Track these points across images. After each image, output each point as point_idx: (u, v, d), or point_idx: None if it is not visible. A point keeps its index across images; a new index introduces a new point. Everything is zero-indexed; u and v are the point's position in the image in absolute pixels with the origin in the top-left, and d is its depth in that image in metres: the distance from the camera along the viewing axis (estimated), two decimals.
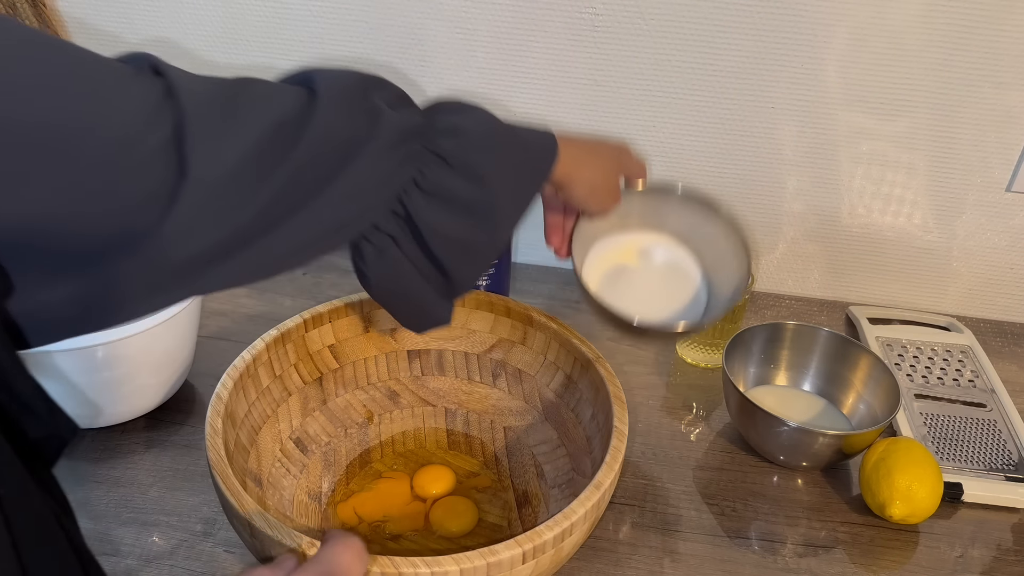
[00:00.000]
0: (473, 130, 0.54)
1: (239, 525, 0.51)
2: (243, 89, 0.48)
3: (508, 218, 0.57)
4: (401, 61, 0.89)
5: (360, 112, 0.50)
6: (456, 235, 0.55)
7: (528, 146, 0.58)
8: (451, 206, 0.53)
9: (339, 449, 0.69)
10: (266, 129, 0.45)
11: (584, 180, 0.62)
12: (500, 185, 0.55)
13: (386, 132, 0.50)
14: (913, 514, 0.65)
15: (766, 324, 0.78)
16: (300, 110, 0.47)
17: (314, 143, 0.46)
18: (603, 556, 0.64)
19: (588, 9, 0.82)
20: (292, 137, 0.45)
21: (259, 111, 0.46)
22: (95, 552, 0.62)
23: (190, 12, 0.89)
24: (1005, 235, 0.90)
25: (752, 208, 0.92)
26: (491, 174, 0.54)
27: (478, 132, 0.54)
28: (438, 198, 0.53)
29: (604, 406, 0.62)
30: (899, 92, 0.83)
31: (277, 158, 0.44)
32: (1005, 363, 0.87)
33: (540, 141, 0.59)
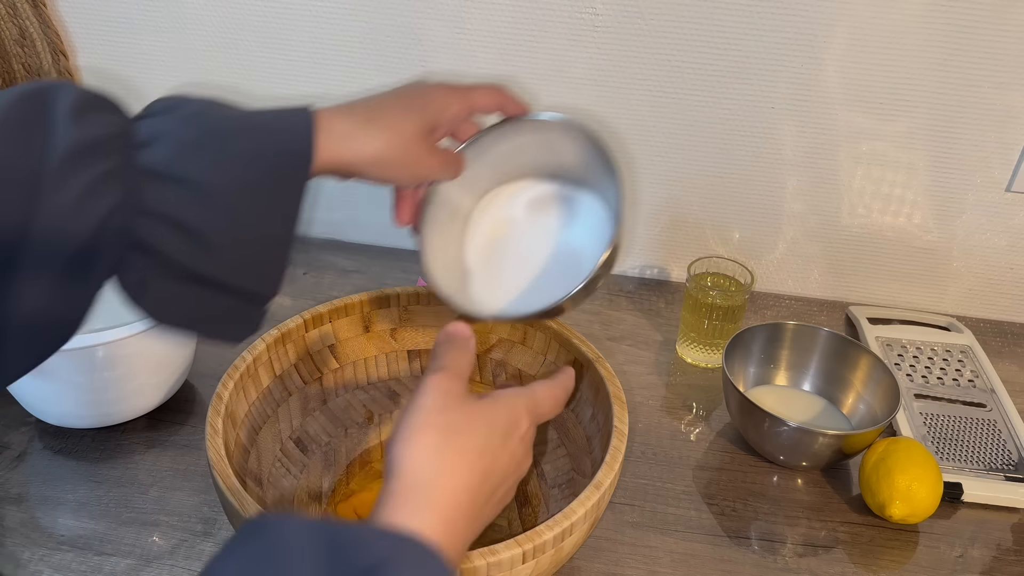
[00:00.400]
0: (181, 133, 0.44)
1: (239, 525, 0.51)
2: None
3: (267, 224, 0.47)
4: (401, 61, 0.89)
5: (20, 136, 0.41)
6: (212, 257, 0.45)
7: (269, 130, 0.47)
8: (187, 224, 0.44)
9: (339, 449, 0.69)
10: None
11: (368, 156, 0.50)
12: (237, 188, 0.45)
13: (60, 153, 0.40)
14: (913, 514, 0.65)
15: (766, 324, 0.78)
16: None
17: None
18: (603, 556, 0.64)
19: (588, 9, 0.82)
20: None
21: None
22: (96, 552, 0.62)
23: (190, 12, 0.89)
24: (1005, 235, 0.90)
25: (752, 208, 0.92)
26: (218, 178, 0.44)
27: (189, 133, 0.45)
28: (169, 219, 0.44)
29: (604, 406, 0.62)
30: (899, 92, 0.83)
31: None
32: (1005, 363, 0.87)
33: (287, 124, 0.47)
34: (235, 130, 0.46)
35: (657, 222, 0.95)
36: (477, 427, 0.44)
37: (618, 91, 0.87)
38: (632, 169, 0.91)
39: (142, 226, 0.43)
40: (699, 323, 0.83)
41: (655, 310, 0.93)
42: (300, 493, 0.65)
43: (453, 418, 0.44)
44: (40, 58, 0.92)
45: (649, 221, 0.95)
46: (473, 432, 0.44)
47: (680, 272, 0.98)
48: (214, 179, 0.44)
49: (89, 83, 0.96)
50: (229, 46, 0.91)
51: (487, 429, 0.44)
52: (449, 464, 0.42)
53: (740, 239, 0.94)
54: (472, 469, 0.43)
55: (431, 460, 0.42)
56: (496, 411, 0.45)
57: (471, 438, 0.43)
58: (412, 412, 0.44)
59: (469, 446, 0.43)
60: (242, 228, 0.45)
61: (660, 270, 0.99)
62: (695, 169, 0.90)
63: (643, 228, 0.96)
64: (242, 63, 0.92)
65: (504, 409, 0.46)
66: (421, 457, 0.42)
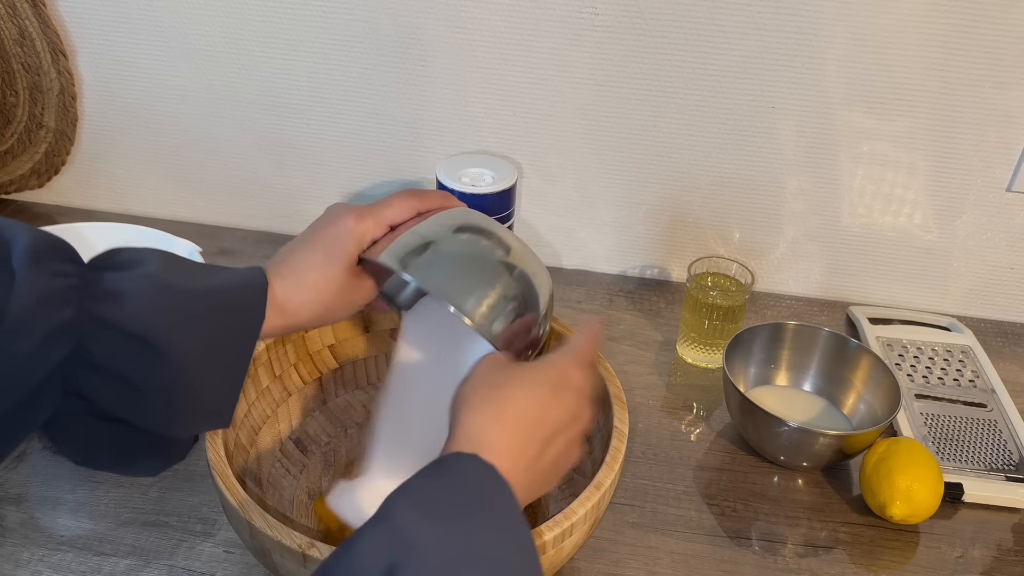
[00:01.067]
0: (139, 290, 0.45)
1: (239, 525, 0.51)
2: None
3: (213, 388, 0.49)
4: (401, 61, 0.89)
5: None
6: (152, 409, 0.46)
7: (225, 300, 0.49)
8: (132, 380, 0.45)
9: (339, 449, 0.69)
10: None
11: (304, 322, 0.54)
12: (188, 350, 0.46)
13: (20, 302, 0.41)
14: (914, 514, 0.65)
15: (766, 324, 0.78)
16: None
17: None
18: (603, 556, 0.64)
19: (588, 9, 0.82)
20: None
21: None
22: (96, 552, 0.62)
23: (190, 12, 0.89)
24: (1005, 235, 0.89)
25: (752, 208, 0.92)
26: (172, 339, 0.45)
27: (147, 292, 0.45)
28: (115, 374, 0.45)
29: (604, 406, 0.62)
30: (899, 92, 0.83)
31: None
32: (1005, 363, 0.87)
33: (241, 289, 0.50)
34: (191, 294, 0.47)
35: (657, 222, 0.95)
36: (522, 383, 0.47)
37: (618, 91, 0.87)
38: (632, 169, 0.91)
39: (85, 378, 0.44)
40: (699, 323, 0.82)
41: (655, 310, 0.93)
42: (300, 493, 0.65)
43: (499, 379, 0.48)
44: (40, 58, 0.92)
45: (649, 221, 0.95)
46: (519, 387, 0.47)
47: (680, 272, 0.98)
48: (168, 340, 0.45)
49: (89, 83, 0.96)
50: (229, 46, 0.91)
51: (533, 383, 0.48)
52: (499, 414, 0.46)
53: (740, 239, 0.94)
54: (522, 417, 0.46)
55: (482, 414, 0.46)
56: (541, 368, 0.49)
57: (517, 391, 0.47)
58: (463, 385, 0.48)
59: (517, 397, 0.47)
60: (188, 386, 0.47)
61: (660, 270, 0.99)
62: (695, 169, 0.90)
63: (643, 228, 0.96)
64: (242, 63, 0.92)
65: (548, 366, 0.49)
66: (473, 415, 0.46)
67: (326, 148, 0.96)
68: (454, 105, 0.91)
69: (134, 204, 1.04)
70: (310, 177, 0.99)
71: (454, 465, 0.43)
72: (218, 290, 0.49)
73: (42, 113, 0.96)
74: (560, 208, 0.96)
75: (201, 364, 0.47)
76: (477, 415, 0.46)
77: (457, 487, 0.42)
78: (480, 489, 0.42)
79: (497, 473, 0.43)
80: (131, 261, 0.47)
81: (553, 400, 0.48)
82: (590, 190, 0.94)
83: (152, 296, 0.46)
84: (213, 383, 0.49)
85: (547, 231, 0.98)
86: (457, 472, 0.43)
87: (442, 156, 0.93)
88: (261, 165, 0.99)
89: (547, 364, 0.49)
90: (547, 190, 0.95)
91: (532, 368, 0.49)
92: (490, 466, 0.43)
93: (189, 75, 0.94)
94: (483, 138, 0.92)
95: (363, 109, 0.93)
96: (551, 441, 0.47)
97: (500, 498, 0.43)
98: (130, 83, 0.95)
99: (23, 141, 0.98)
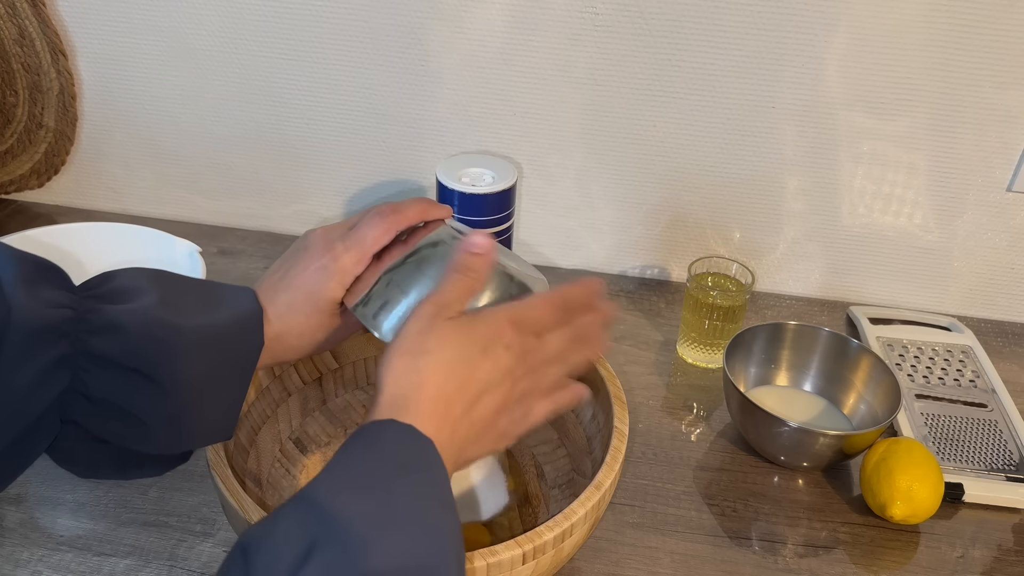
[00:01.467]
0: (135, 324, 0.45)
1: (239, 525, 0.51)
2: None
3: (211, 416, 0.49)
4: (401, 61, 0.89)
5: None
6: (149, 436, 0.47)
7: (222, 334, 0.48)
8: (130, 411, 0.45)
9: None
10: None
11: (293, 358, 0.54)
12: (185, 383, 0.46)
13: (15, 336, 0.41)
14: (914, 514, 0.65)
15: (766, 324, 0.78)
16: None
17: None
18: (603, 556, 0.64)
19: (588, 9, 0.82)
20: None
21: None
22: (96, 552, 0.62)
23: (190, 12, 0.89)
24: (1006, 235, 0.89)
25: (753, 208, 0.92)
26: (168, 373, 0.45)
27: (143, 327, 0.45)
28: (112, 405, 0.45)
29: (604, 406, 0.62)
30: (899, 92, 0.83)
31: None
32: (1006, 363, 0.87)
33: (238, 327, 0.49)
34: (190, 329, 0.46)
35: (657, 222, 0.95)
36: (449, 342, 0.46)
37: (618, 91, 0.87)
38: (632, 169, 0.91)
39: (82, 409, 0.44)
40: (699, 323, 0.82)
41: (655, 310, 0.93)
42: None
43: (426, 339, 0.46)
44: (39, 58, 0.92)
45: (649, 221, 0.95)
46: (444, 348, 0.45)
47: (680, 272, 0.98)
48: (168, 373, 0.45)
49: (89, 83, 0.96)
50: (229, 46, 0.91)
51: (461, 342, 0.46)
52: (421, 378, 0.44)
53: (741, 239, 0.94)
54: (447, 378, 0.44)
55: (407, 376, 0.44)
56: (472, 325, 0.47)
57: (443, 353, 0.45)
58: (389, 349, 0.46)
59: (442, 359, 0.45)
60: (189, 414, 0.47)
61: (660, 270, 0.99)
62: (695, 169, 0.90)
63: (643, 228, 0.96)
64: (242, 63, 0.92)
65: (480, 323, 0.47)
66: (398, 376, 0.44)
67: (326, 148, 0.96)
68: (454, 105, 0.91)
69: (134, 204, 1.04)
70: (310, 177, 0.99)
71: (371, 434, 0.42)
72: (217, 324, 0.48)
73: (42, 113, 0.96)
74: (560, 208, 0.96)
75: (202, 394, 0.47)
76: (400, 379, 0.44)
77: (374, 455, 0.41)
78: (399, 453, 0.41)
79: (417, 432, 0.42)
80: (127, 291, 0.46)
81: (482, 358, 0.46)
82: (590, 190, 0.94)
83: (150, 332, 0.45)
84: (214, 410, 0.49)
85: (547, 231, 0.98)
86: (373, 440, 0.42)
87: (442, 156, 0.93)
88: (261, 165, 0.99)
89: (478, 320, 0.47)
90: (547, 190, 0.95)
91: (462, 325, 0.46)
92: (408, 427, 0.42)
93: (189, 75, 0.94)
94: (483, 138, 0.92)
95: (363, 109, 0.93)
96: (479, 399, 0.46)
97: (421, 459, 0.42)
98: (130, 83, 0.95)
99: (23, 141, 0.98)
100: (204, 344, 0.47)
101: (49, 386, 0.43)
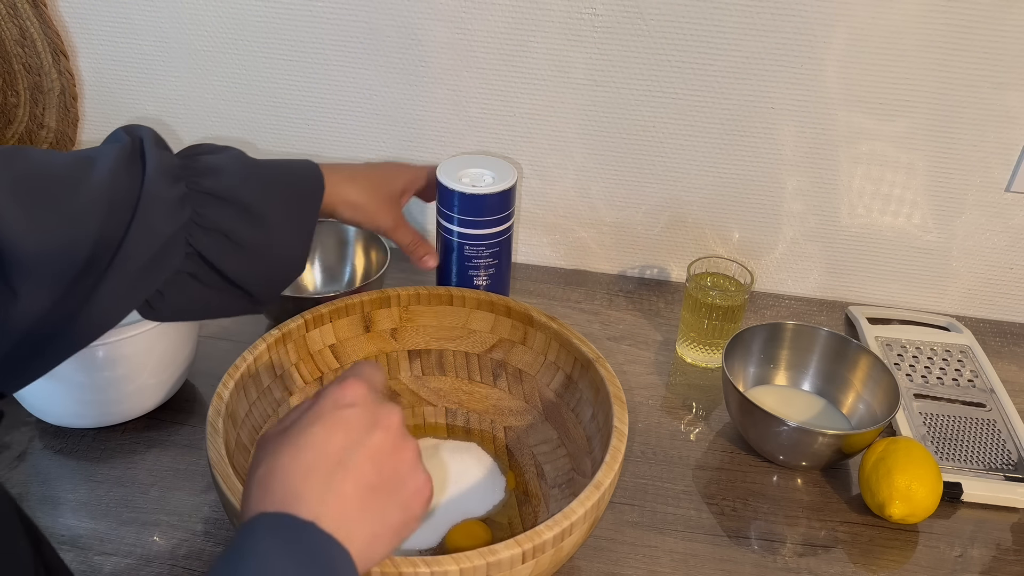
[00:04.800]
0: (231, 167, 0.59)
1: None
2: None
3: (291, 241, 0.62)
4: (401, 61, 0.89)
5: (134, 166, 0.53)
6: (247, 265, 0.59)
7: (291, 171, 0.64)
8: (232, 238, 0.58)
9: None
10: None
11: (346, 200, 0.69)
12: (272, 212, 0.60)
13: (156, 179, 0.53)
14: (912, 514, 0.65)
15: (766, 324, 0.78)
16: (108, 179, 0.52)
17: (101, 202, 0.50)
18: (603, 556, 0.64)
19: (588, 9, 0.83)
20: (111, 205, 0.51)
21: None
22: (96, 552, 0.62)
23: (190, 12, 0.89)
24: (1005, 235, 0.90)
25: (752, 208, 0.92)
26: (260, 203, 0.59)
27: (236, 168, 0.59)
28: (219, 233, 0.57)
29: (604, 406, 0.62)
30: (899, 92, 0.83)
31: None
32: (1004, 363, 0.87)
33: (302, 168, 0.65)
34: (269, 167, 0.62)
35: (657, 222, 0.95)
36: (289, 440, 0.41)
37: (618, 91, 0.87)
38: (632, 169, 0.92)
39: (198, 237, 0.56)
40: (699, 323, 0.83)
41: (655, 310, 0.93)
42: None
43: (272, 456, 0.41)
44: (40, 58, 0.92)
45: (649, 221, 0.95)
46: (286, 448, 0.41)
47: (680, 272, 0.98)
48: (257, 201, 0.59)
49: (90, 84, 0.96)
50: (229, 46, 0.91)
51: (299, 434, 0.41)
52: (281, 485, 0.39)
53: (740, 239, 0.94)
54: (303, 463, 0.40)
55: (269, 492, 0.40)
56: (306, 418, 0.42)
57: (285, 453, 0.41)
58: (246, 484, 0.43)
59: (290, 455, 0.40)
60: (273, 237, 0.60)
61: (660, 270, 0.99)
62: (695, 169, 0.90)
63: (643, 228, 0.96)
64: (242, 63, 0.92)
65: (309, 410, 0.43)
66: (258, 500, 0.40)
67: (326, 148, 0.96)
68: (454, 105, 0.91)
69: None
70: None
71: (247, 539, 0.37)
72: (289, 166, 0.64)
73: (43, 113, 0.96)
74: (560, 208, 0.96)
75: (282, 221, 0.61)
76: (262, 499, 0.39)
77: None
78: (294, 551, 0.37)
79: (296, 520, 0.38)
80: (217, 148, 0.61)
81: (332, 429, 0.41)
82: (590, 190, 0.94)
83: (243, 171, 0.59)
84: (291, 236, 0.62)
85: (547, 231, 0.98)
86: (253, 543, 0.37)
87: (442, 156, 0.94)
88: None
89: (309, 410, 0.43)
90: (547, 190, 0.95)
91: (297, 424, 0.42)
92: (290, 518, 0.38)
93: (189, 75, 0.94)
94: (483, 138, 0.93)
95: (363, 109, 0.93)
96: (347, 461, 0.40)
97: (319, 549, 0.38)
98: (130, 83, 0.95)
99: (24, 141, 0.98)
100: (282, 179, 0.62)
101: (175, 217, 0.54)
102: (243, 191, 0.58)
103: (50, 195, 0.48)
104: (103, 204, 0.50)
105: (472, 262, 0.79)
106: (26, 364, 0.50)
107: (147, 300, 0.56)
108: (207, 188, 0.56)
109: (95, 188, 0.50)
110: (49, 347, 0.51)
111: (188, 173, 0.56)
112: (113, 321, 0.53)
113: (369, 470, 0.41)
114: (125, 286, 0.52)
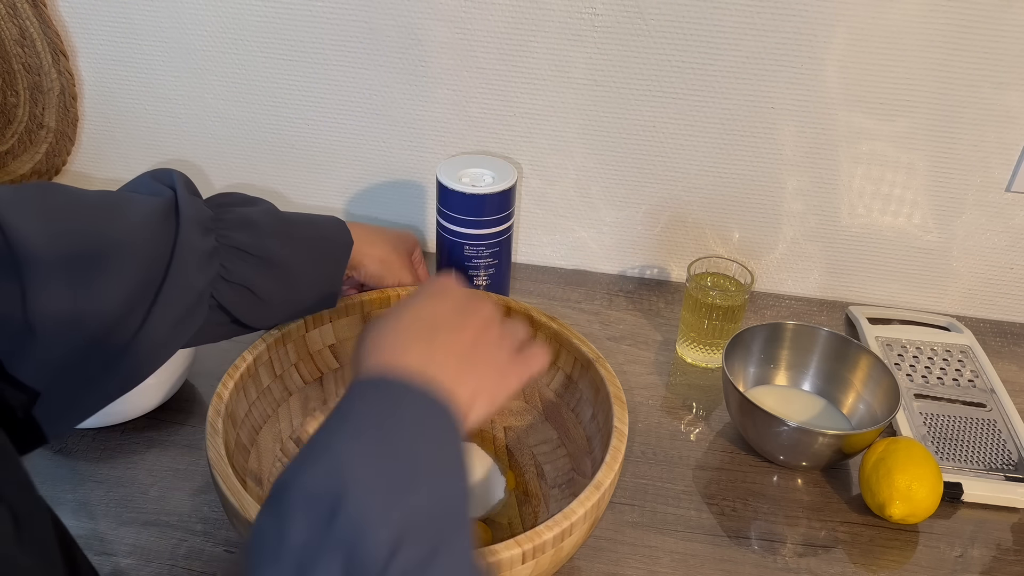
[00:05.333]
0: (262, 220, 0.60)
1: (239, 525, 0.51)
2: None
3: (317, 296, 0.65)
4: (401, 61, 0.89)
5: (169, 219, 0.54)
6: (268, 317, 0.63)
7: (319, 227, 0.66)
8: (257, 293, 0.59)
9: None
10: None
11: (372, 256, 0.71)
12: (301, 268, 0.62)
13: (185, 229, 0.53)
14: (913, 514, 0.65)
15: (766, 324, 0.78)
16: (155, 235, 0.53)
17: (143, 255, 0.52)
18: (603, 556, 0.64)
19: (588, 9, 0.83)
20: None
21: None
22: (96, 552, 0.62)
23: (190, 12, 0.89)
24: (1005, 235, 0.90)
25: (752, 208, 0.92)
26: (289, 259, 0.61)
27: (267, 221, 0.61)
28: (244, 288, 0.59)
29: (604, 406, 0.62)
30: (899, 92, 0.83)
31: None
32: (1005, 363, 0.87)
33: (330, 225, 0.67)
34: (299, 223, 0.64)
35: (657, 222, 0.95)
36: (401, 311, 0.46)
37: (618, 91, 0.87)
38: (632, 169, 0.92)
39: (222, 292, 0.57)
40: (699, 323, 0.83)
41: (655, 310, 0.93)
42: None
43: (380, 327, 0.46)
44: (40, 58, 0.92)
45: (649, 221, 0.95)
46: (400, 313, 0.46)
47: (680, 272, 0.98)
48: (286, 258, 0.60)
49: (90, 83, 0.96)
50: (229, 46, 0.91)
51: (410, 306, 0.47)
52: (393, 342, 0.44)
53: (740, 239, 0.94)
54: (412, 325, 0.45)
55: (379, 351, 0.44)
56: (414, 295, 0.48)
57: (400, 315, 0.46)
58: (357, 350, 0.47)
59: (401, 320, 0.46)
60: (300, 294, 0.64)
61: (660, 270, 0.99)
62: (695, 169, 0.90)
63: (643, 228, 0.96)
64: (242, 63, 0.92)
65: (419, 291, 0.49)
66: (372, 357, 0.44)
67: (326, 148, 0.96)
68: (454, 105, 0.91)
69: None
70: (310, 177, 0.99)
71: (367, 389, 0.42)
72: (317, 222, 0.66)
73: (43, 113, 0.96)
74: (560, 208, 0.96)
75: (310, 278, 0.63)
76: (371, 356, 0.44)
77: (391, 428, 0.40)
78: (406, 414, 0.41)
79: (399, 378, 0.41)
80: (247, 199, 0.62)
81: (436, 300, 0.47)
82: (590, 190, 0.94)
83: (273, 226, 0.61)
84: (318, 292, 0.65)
85: (547, 231, 0.98)
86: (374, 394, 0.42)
87: (442, 156, 0.94)
88: (261, 165, 0.99)
89: (418, 291, 0.49)
90: (547, 190, 0.95)
91: (400, 303, 0.48)
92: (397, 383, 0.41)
93: (189, 75, 0.94)
94: (483, 138, 0.93)
95: (363, 109, 0.93)
96: (449, 324, 0.46)
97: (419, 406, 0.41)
98: (130, 83, 0.95)
99: (24, 141, 0.98)
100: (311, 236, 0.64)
101: (206, 269, 0.55)
102: (273, 246, 0.59)
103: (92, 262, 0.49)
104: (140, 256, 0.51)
105: (472, 262, 0.79)
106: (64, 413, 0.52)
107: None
108: (237, 243, 0.57)
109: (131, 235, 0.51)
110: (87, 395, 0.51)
111: (219, 225, 0.57)
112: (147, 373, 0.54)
113: (469, 335, 0.46)
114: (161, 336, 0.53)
